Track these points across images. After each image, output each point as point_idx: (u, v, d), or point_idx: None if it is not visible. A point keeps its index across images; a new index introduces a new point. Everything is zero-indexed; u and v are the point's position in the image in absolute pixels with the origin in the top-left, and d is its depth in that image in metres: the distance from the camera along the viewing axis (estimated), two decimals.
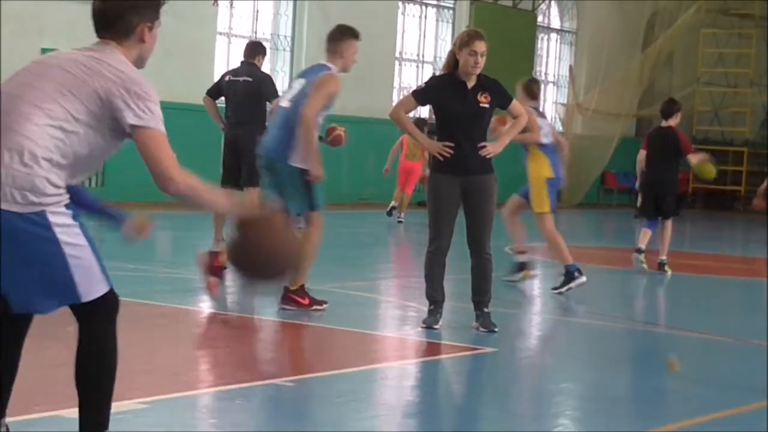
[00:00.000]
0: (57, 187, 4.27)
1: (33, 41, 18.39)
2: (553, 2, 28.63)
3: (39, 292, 4.34)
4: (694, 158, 13.20)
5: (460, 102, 8.40)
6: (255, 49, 12.33)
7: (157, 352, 7.26)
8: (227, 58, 21.24)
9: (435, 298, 8.57)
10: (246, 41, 14.02)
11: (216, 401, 6.02)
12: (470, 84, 8.43)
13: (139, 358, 5.20)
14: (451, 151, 8.36)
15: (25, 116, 4.24)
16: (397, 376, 7.11)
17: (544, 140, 11.07)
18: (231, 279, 9.79)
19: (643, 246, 13.39)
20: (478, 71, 8.38)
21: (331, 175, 16.17)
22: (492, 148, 8.44)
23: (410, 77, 25.16)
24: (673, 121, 13.31)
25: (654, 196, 13.37)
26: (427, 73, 25.08)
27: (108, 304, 4.51)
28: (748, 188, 29.99)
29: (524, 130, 9.52)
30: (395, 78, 24.53)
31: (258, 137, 11.57)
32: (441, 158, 8.40)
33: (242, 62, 12.38)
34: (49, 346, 7.03)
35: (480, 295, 8.58)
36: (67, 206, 4.34)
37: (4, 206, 4.16)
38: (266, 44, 13.60)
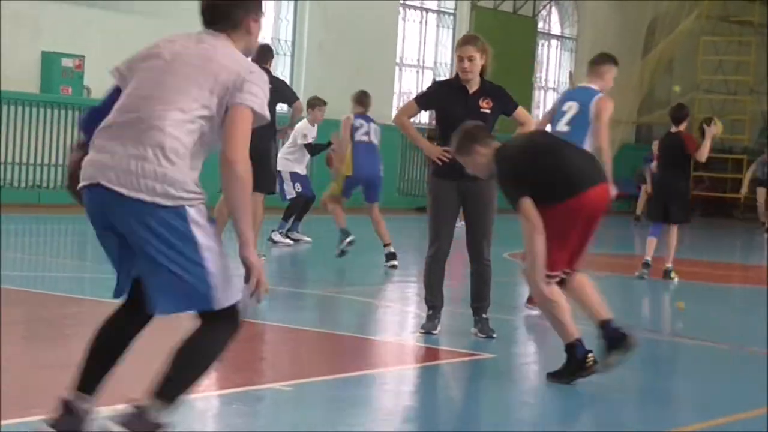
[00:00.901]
0: (196, 183, 4.44)
1: (31, 43, 18.40)
2: (553, 8, 28.64)
3: (169, 289, 4.46)
4: (710, 132, 13.15)
5: (460, 107, 8.39)
6: (266, 54, 12.30)
7: (155, 355, 7.23)
8: None
9: (433, 303, 8.56)
10: None
11: (213, 405, 6.00)
12: (472, 89, 8.43)
13: (138, 361, 5.19)
14: (450, 156, 8.35)
15: (160, 114, 4.41)
16: (396, 382, 7.10)
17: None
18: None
19: (649, 259, 13.35)
20: (469, 76, 8.37)
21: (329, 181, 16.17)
22: None
23: (410, 83, 25.16)
24: (682, 126, 13.35)
25: (663, 200, 13.32)
26: (427, 79, 25.08)
27: (235, 317, 4.60)
28: (746, 196, 29.99)
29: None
30: (395, 83, 24.54)
31: (271, 142, 11.64)
32: (440, 163, 8.40)
33: None
34: (46, 349, 7.03)
35: (479, 300, 8.57)
36: (205, 205, 4.48)
37: (148, 198, 4.33)
38: None
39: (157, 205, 4.36)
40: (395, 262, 12.86)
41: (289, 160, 14.94)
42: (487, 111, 8.42)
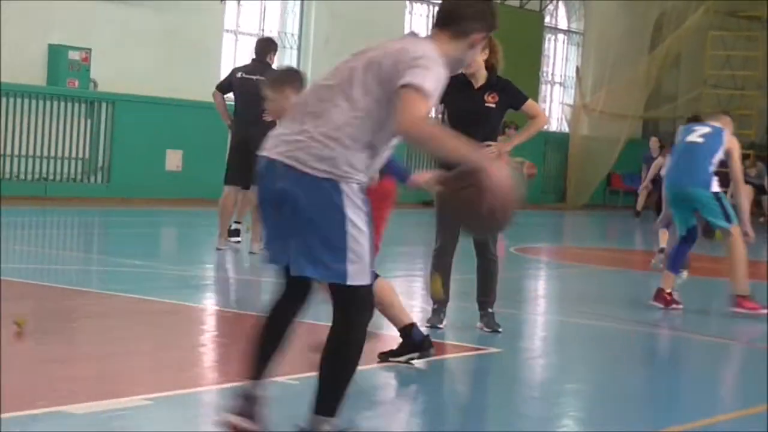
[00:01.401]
0: (353, 167, 4.62)
1: (39, 36, 18.41)
2: (560, 3, 28.60)
3: (312, 255, 4.64)
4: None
5: (464, 100, 8.43)
6: (266, 47, 12.27)
7: (161, 349, 7.25)
8: (234, 55, 21.24)
9: (439, 297, 8.56)
10: (253, 39, 14.00)
11: (220, 398, 6.00)
12: (477, 84, 8.45)
13: (144, 354, 5.19)
14: None
15: (333, 102, 4.67)
16: (401, 376, 7.10)
17: None
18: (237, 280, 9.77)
19: (664, 245, 13.72)
20: (470, 70, 8.37)
21: None
22: (497, 149, 8.43)
23: None
24: None
25: None
26: None
27: (367, 298, 4.77)
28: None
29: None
30: None
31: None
32: None
33: (253, 60, 12.32)
34: (51, 342, 7.04)
35: (485, 295, 8.57)
36: (361, 188, 4.68)
37: (307, 170, 4.59)
38: None
39: (314, 177, 4.62)
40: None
41: None
42: (492, 105, 8.43)
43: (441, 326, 8.47)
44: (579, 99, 27.79)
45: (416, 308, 9.85)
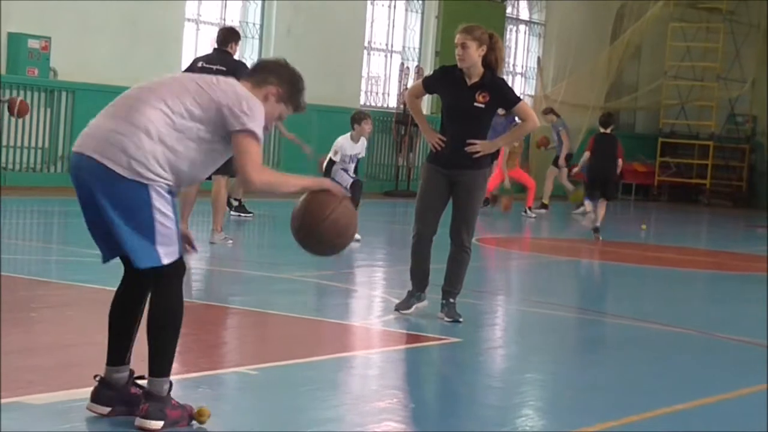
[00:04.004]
0: (162, 168, 4.97)
1: None
2: None
3: (127, 243, 4.99)
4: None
5: (455, 97, 8.50)
6: (228, 36, 12.23)
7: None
8: (195, 44, 21.15)
9: (412, 284, 8.65)
10: (215, 28, 13.94)
11: (179, 389, 5.98)
12: (471, 80, 8.45)
13: (103, 344, 5.18)
14: (443, 144, 8.45)
15: (149, 105, 5.07)
16: (362, 366, 7.11)
17: None
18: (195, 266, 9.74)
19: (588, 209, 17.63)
20: (462, 63, 8.40)
21: (301, 166, 16.20)
22: (481, 147, 8.45)
23: (378, 67, 25.12)
24: (609, 129, 17.27)
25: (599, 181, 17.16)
26: (395, 63, 25.04)
27: (178, 268, 5.10)
28: (713, 182, 30.15)
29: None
30: (363, 67, 24.50)
31: None
32: (434, 150, 8.55)
33: (215, 49, 12.29)
34: (10, 332, 7.00)
35: (451, 285, 8.60)
36: (169, 187, 5.03)
37: (114, 167, 4.91)
38: None
39: (121, 176, 4.97)
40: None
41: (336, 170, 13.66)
42: (482, 105, 8.43)
43: (407, 312, 8.52)
44: (540, 90, 27.85)
45: (377, 299, 9.87)
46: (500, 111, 11.29)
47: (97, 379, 5.23)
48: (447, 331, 8.23)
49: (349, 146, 13.63)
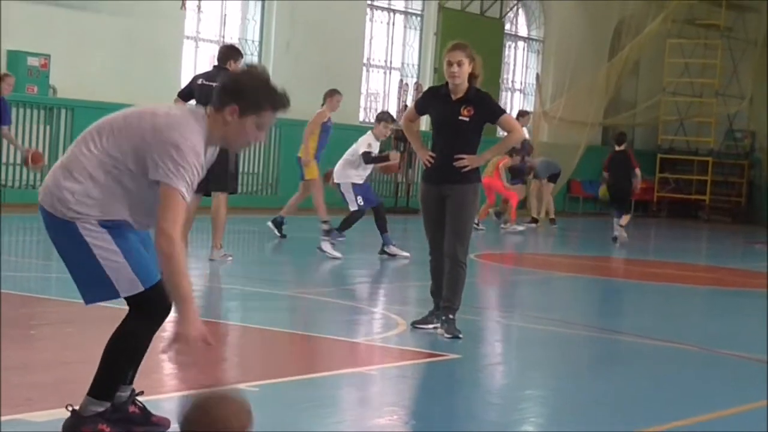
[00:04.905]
0: (82, 203, 4.90)
1: None
2: (520, 10, 28.71)
3: (83, 284, 5.02)
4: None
5: (441, 113, 8.69)
6: (227, 54, 12.26)
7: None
8: (194, 62, 21.18)
9: (434, 301, 8.80)
10: (213, 45, 13.97)
11: (179, 406, 5.98)
12: (456, 96, 8.59)
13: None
14: (432, 161, 8.55)
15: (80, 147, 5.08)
16: (362, 382, 7.10)
17: None
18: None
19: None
20: (457, 81, 8.55)
21: (298, 183, 16.17)
22: (468, 161, 8.54)
23: (377, 83, 25.16)
24: (623, 146, 19.08)
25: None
26: (394, 79, 25.08)
27: (151, 306, 5.04)
28: (712, 197, 30.17)
29: None
30: (363, 84, 24.54)
31: None
32: (425, 166, 8.76)
33: (215, 66, 12.32)
34: (10, 349, 6.99)
35: (449, 301, 8.61)
36: (101, 223, 4.92)
37: (52, 211, 4.94)
38: None
39: (54, 217, 4.99)
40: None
41: (348, 172, 14.29)
42: (466, 119, 8.56)
43: (426, 327, 8.59)
44: (539, 106, 27.88)
45: (378, 315, 9.86)
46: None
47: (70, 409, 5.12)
48: (446, 347, 8.22)
49: (374, 143, 14.54)
